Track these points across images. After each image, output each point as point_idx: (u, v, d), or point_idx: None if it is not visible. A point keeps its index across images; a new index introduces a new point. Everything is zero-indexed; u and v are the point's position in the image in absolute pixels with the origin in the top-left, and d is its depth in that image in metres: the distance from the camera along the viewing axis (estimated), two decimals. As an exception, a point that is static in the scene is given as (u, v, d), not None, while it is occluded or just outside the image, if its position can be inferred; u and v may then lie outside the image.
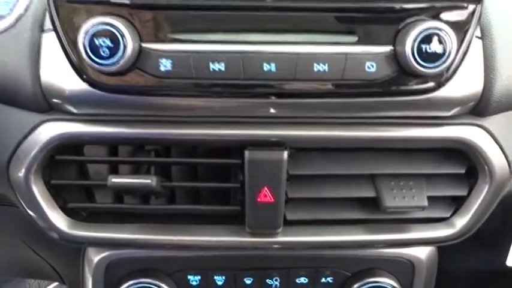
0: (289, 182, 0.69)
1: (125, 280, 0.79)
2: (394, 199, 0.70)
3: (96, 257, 0.81)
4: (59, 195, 0.71)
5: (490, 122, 0.68)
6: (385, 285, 0.80)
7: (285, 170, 0.67)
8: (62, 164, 0.70)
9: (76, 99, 0.63)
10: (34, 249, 1.03)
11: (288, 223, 0.72)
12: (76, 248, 0.84)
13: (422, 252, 0.83)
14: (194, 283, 0.82)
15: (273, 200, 0.68)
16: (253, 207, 0.69)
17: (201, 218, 0.75)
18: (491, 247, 1.07)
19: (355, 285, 0.81)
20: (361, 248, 0.78)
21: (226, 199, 0.74)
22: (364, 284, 0.80)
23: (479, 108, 0.67)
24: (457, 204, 0.75)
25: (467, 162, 0.71)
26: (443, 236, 0.74)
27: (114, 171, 0.72)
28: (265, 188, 0.68)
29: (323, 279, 0.83)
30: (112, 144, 0.69)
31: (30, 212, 0.71)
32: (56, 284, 1.87)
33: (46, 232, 0.73)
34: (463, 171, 0.72)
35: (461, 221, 0.73)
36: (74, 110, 0.65)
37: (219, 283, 0.82)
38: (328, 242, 0.73)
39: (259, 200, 0.68)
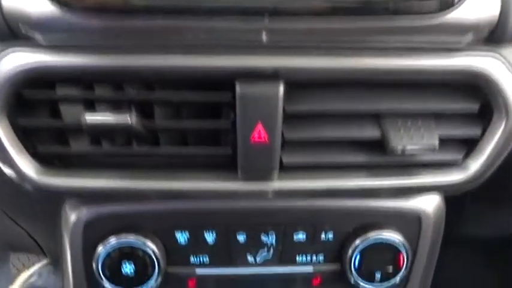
0: (286, 122, 0.62)
1: (105, 239, 0.72)
2: (401, 139, 0.63)
3: (73, 214, 0.73)
4: (28, 140, 0.64)
5: (508, 51, 0.62)
6: (390, 240, 0.74)
7: (281, 105, 0.60)
8: (31, 104, 0.63)
9: (44, 24, 0.56)
10: (14, 219, 0.95)
11: (284, 169, 0.66)
12: (56, 216, 0.77)
13: (429, 206, 0.77)
14: (182, 241, 0.75)
15: (267, 139, 0.61)
16: (246, 148, 0.62)
17: (188, 167, 0.68)
18: (499, 212, 1.02)
19: (357, 241, 0.74)
20: (364, 197, 0.72)
21: (215, 144, 0.67)
22: (367, 239, 0.74)
23: (495, 35, 0.60)
24: (468, 147, 0.68)
25: (481, 99, 0.65)
26: (456, 180, 0.67)
27: None
28: (260, 126, 0.61)
29: (322, 236, 0.76)
30: (86, 80, 0.62)
31: None
32: (41, 264, 1.80)
33: (19, 184, 0.66)
34: (476, 108, 0.65)
35: (475, 164, 0.67)
36: (42, 39, 0.57)
37: (209, 240, 0.75)
38: (328, 188, 0.67)
39: (252, 139, 0.61)
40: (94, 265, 0.73)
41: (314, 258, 0.78)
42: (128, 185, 0.65)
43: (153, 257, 0.72)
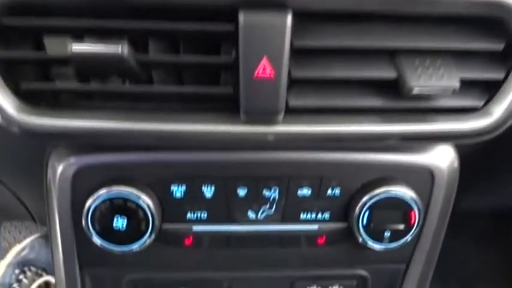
0: (293, 59, 0.57)
1: (96, 190, 0.67)
2: (418, 79, 0.58)
3: (60, 165, 0.68)
4: (9, 75, 0.58)
5: None
6: (401, 196, 0.69)
7: (289, 38, 0.54)
8: (13, 35, 0.57)
9: None
10: (3, 180, 0.90)
11: (290, 112, 0.60)
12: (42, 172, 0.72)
13: (443, 162, 0.72)
14: (178, 195, 0.70)
15: (273, 75, 0.55)
16: (249, 85, 0.56)
17: (184, 110, 0.62)
18: (498, 184, 0.98)
19: (366, 197, 0.69)
20: (374, 144, 0.66)
21: (215, 83, 0.61)
22: (376, 195, 0.69)
23: None
24: (490, 92, 0.63)
25: (506, 38, 0.59)
26: (476, 128, 0.62)
27: None
28: (265, 60, 0.55)
29: (329, 191, 0.71)
30: (74, 9, 0.55)
31: None
32: (32, 237, 1.75)
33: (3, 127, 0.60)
34: (500, 47, 0.59)
35: (498, 109, 0.61)
36: None
37: (208, 195, 0.70)
38: (336, 133, 0.61)
39: (256, 75, 0.55)
40: (83, 220, 0.67)
41: (319, 215, 0.73)
42: (119, 126, 0.59)
43: (147, 211, 0.67)
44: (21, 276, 1.64)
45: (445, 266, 1.59)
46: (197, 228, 0.72)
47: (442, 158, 0.72)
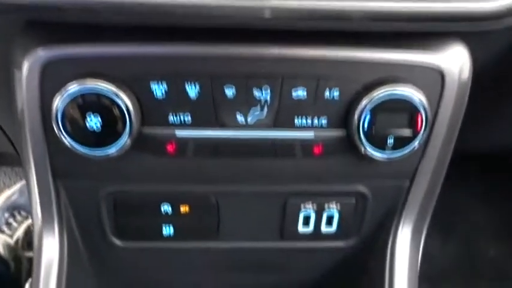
0: None
1: (66, 85, 0.60)
2: None
3: (26, 58, 0.60)
4: None
5: None
6: (407, 97, 0.62)
7: None
8: None
9: None
10: None
11: None
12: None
13: (455, 63, 0.64)
14: (159, 94, 0.63)
15: None
16: None
17: None
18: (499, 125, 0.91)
19: (368, 98, 0.62)
20: (377, 23, 0.58)
21: None
22: (379, 95, 0.62)
23: None
24: None
25: None
26: (489, 7, 0.54)
27: None
28: None
29: (326, 93, 0.64)
30: None
31: None
32: (23, 182, 1.71)
33: None
34: None
35: None
36: None
37: (192, 95, 0.63)
38: (342, 9, 0.53)
39: None
40: (53, 118, 0.60)
41: (316, 121, 0.66)
42: None
43: (124, 108, 0.60)
44: (10, 220, 1.61)
45: (445, 220, 1.54)
46: (180, 133, 0.65)
47: (454, 59, 0.64)
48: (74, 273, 0.75)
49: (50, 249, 0.73)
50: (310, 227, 0.78)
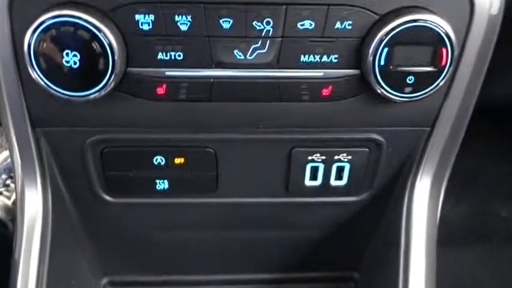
0: None
1: (39, 16, 0.52)
2: None
3: None
4: None
5: None
6: (430, 26, 0.54)
7: None
8: None
9: None
10: None
11: None
12: None
13: None
14: (145, 27, 0.55)
15: None
16: None
17: None
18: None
19: (385, 29, 0.54)
20: None
21: None
22: (398, 26, 0.54)
23: None
24: None
25: None
26: None
27: None
28: None
29: (337, 25, 0.56)
30: None
31: None
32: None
33: None
34: None
35: None
36: None
37: (183, 28, 0.55)
38: None
39: None
40: (26, 55, 0.53)
41: (325, 58, 0.58)
42: None
43: (105, 43, 0.53)
44: (8, 181, 1.58)
45: (456, 180, 1.48)
46: (171, 73, 0.58)
47: None
48: (60, 230, 0.69)
49: (33, 205, 0.67)
50: (318, 181, 0.71)
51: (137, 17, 0.54)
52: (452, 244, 1.42)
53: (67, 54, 0.53)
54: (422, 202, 0.70)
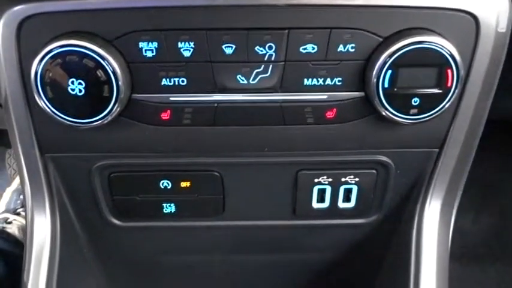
0: None
1: (45, 46, 0.53)
2: None
3: (1, 14, 0.54)
4: None
5: None
6: (434, 47, 0.53)
7: None
8: None
9: None
10: None
11: None
12: None
13: (491, 9, 0.55)
14: (149, 53, 0.55)
15: None
16: None
17: None
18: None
19: (388, 50, 0.53)
20: None
21: None
22: (403, 48, 0.53)
23: None
24: None
25: None
26: None
27: None
28: None
29: (340, 48, 0.55)
30: None
31: None
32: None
33: None
34: None
35: None
36: None
37: (186, 54, 0.55)
38: None
39: None
40: (32, 83, 0.54)
41: (328, 81, 0.57)
42: None
43: (109, 71, 0.53)
44: (25, 202, 1.60)
45: (476, 194, 1.44)
46: (175, 98, 0.58)
47: (491, 4, 0.55)
48: (68, 254, 0.70)
49: (41, 229, 0.67)
50: (326, 203, 0.70)
51: (141, 44, 0.55)
52: (472, 262, 1.38)
53: (72, 82, 0.54)
54: (433, 224, 0.69)
